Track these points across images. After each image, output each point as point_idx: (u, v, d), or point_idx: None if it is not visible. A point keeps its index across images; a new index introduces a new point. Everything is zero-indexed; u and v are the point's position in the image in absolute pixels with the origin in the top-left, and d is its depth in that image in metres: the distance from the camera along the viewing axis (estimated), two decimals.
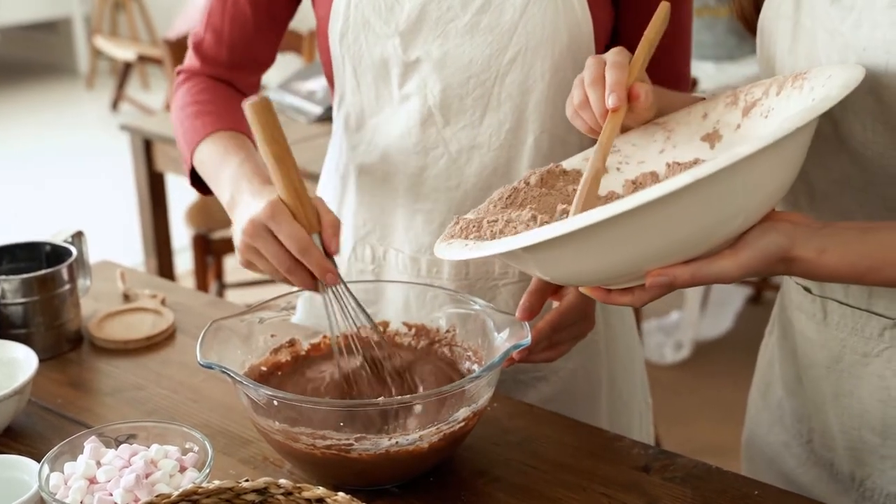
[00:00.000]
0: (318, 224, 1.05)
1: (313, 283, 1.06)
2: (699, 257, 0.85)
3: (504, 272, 1.26)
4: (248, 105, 1.02)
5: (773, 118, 0.96)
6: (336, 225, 1.06)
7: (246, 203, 1.08)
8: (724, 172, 0.78)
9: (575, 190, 1.04)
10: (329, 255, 1.05)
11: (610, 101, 0.99)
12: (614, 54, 1.02)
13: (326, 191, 1.36)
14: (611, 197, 1.04)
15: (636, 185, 1.03)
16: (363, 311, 1.09)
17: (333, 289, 1.07)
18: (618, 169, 1.06)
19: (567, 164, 1.08)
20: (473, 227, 0.98)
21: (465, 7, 1.16)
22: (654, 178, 1.03)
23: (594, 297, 0.92)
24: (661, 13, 1.07)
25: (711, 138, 1.02)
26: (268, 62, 1.34)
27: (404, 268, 1.28)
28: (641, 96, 1.00)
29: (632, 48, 1.04)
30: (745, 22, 1.07)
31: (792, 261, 0.86)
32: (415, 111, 1.21)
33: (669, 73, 1.22)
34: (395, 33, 1.19)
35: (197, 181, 1.28)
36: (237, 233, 1.06)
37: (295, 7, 1.31)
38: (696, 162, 1.01)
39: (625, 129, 1.08)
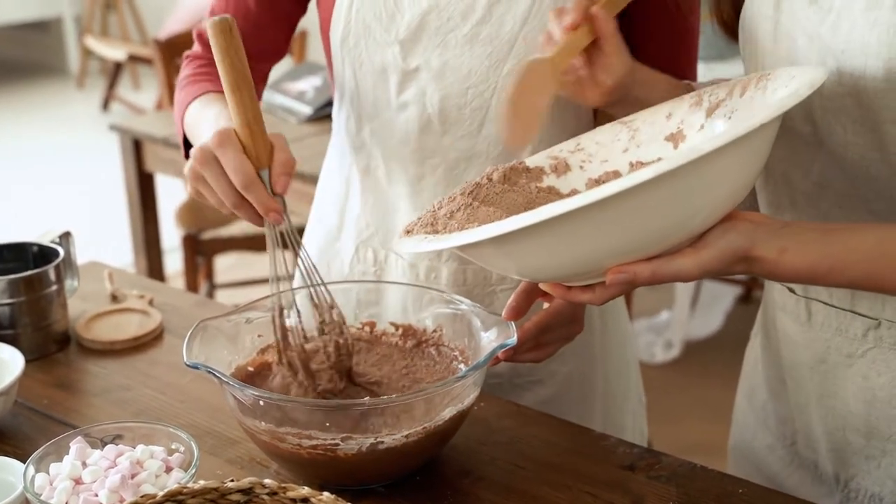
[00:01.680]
0: (269, 160, 1.03)
1: (260, 219, 1.04)
2: (660, 255, 0.85)
3: (502, 278, 1.26)
4: (209, 22, 1.01)
5: (736, 119, 0.95)
6: (287, 164, 1.04)
7: (206, 135, 1.05)
8: (685, 169, 0.78)
9: (538, 188, 1.04)
10: (275, 193, 1.03)
11: (567, 20, 1.00)
12: None
13: (329, 191, 1.35)
14: (573, 195, 1.03)
15: (599, 184, 1.03)
16: (309, 258, 1.09)
17: (280, 228, 1.05)
18: (581, 167, 1.06)
19: (530, 161, 1.08)
20: (430, 221, 0.97)
21: (466, 18, 1.16)
22: (617, 177, 1.03)
23: (554, 294, 0.92)
24: None
25: (675, 138, 1.02)
26: (275, 55, 1.31)
27: (403, 273, 1.28)
28: (599, 16, 1.00)
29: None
30: (725, 27, 1.07)
31: (752, 260, 0.86)
32: (413, 119, 1.21)
33: (674, 76, 1.21)
34: (395, 41, 1.18)
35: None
36: (189, 160, 1.04)
37: (304, 5, 1.29)
38: (659, 161, 1.01)
39: (607, 118, 1.07)
